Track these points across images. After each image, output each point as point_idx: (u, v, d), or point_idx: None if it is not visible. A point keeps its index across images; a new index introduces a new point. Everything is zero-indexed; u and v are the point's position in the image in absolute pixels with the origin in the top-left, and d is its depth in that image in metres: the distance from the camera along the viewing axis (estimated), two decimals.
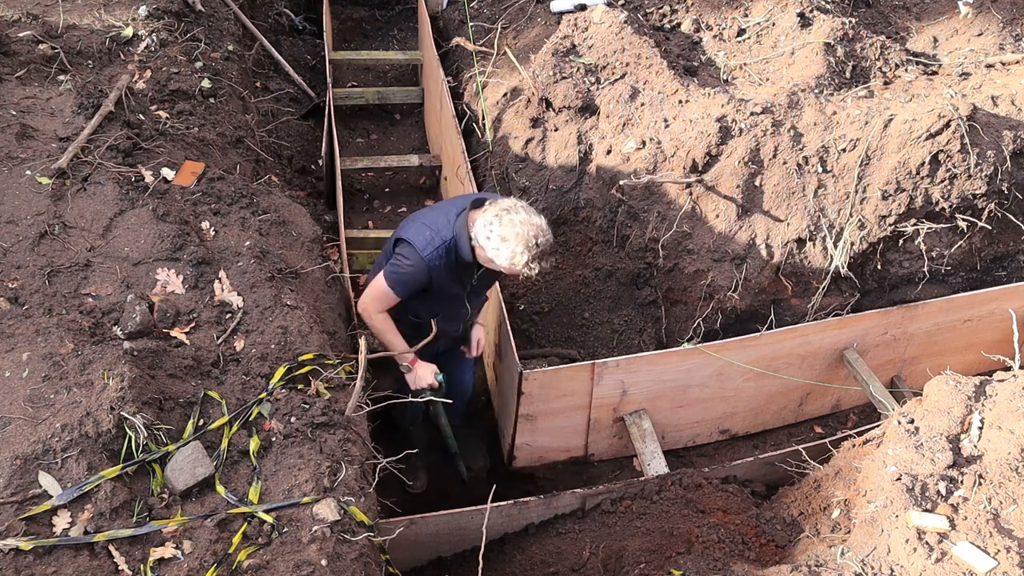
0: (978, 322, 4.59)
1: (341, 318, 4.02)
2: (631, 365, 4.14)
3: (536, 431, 4.30)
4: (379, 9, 7.76)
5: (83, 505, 2.67)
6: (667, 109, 4.69)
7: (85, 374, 2.95)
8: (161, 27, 4.99)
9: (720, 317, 4.58)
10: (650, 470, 4.07)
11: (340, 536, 2.81)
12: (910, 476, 3.01)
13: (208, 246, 3.67)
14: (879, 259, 4.59)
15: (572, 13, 5.34)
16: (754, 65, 5.08)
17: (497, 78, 5.49)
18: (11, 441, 2.75)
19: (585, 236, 4.92)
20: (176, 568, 2.63)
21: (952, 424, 3.16)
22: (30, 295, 3.31)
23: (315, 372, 3.31)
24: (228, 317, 3.43)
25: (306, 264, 3.93)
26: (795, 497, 3.68)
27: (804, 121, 4.50)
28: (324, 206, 5.61)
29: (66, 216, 3.64)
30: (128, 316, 3.26)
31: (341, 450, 3.05)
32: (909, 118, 4.38)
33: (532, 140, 5.12)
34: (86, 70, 4.58)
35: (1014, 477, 2.96)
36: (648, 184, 4.61)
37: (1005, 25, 5.33)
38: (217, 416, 3.06)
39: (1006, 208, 4.57)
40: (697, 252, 4.56)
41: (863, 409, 4.83)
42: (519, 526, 3.88)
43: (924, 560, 2.78)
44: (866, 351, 4.48)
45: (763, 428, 4.76)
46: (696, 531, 3.57)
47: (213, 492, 2.86)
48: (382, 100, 6.65)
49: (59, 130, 4.00)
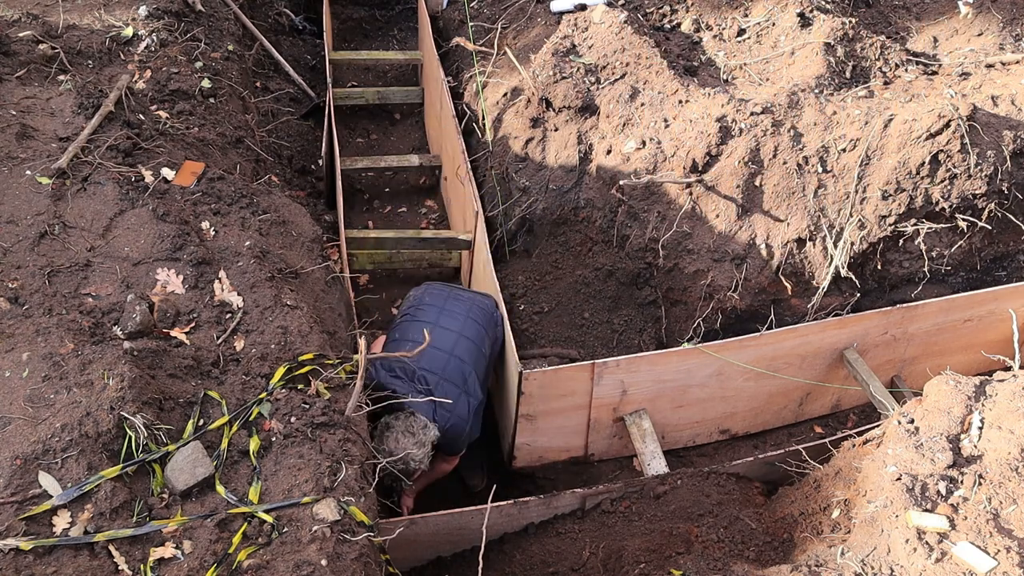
0: (978, 322, 4.59)
1: (341, 318, 4.03)
2: (631, 365, 4.14)
3: (536, 431, 4.29)
4: (379, 9, 7.76)
5: (83, 505, 2.67)
6: (667, 109, 4.69)
7: (85, 374, 2.95)
8: (161, 27, 4.99)
9: (720, 317, 4.58)
10: (650, 470, 4.07)
11: (340, 536, 2.81)
12: (910, 476, 3.01)
13: (208, 246, 3.67)
14: (879, 259, 4.59)
15: (572, 13, 5.34)
16: (754, 65, 5.08)
17: (497, 78, 5.49)
18: (11, 441, 2.75)
19: (585, 236, 4.92)
20: (176, 568, 2.63)
21: (952, 424, 3.16)
22: (30, 295, 3.31)
23: (315, 372, 3.31)
24: (228, 317, 3.43)
25: (306, 264, 3.93)
26: (795, 497, 3.68)
27: (804, 121, 4.50)
28: (324, 206, 5.61)
29: (66, 216, 3.64)
30: (128, 316, 3.26)
31: (341, 450, 3.05)
32: (909, 118, 4.38)
33: (532, 140, 5.12)
34: (86, 70, 4.58)
35: (1014, 477, 2.96)
36: (648, 184, 4.61)
37: (1005, 25, 5.33)
38: (217, 416, 3.06)
39: (1006, 208, 4.57)
40: (697, 252, 4.56)
41: (863, 409, 4.83)
42: (519, 526, 3.88)
43: (924, 560, 2.78)
44: (866, 351, 4.48)
45: (763, 428, 4.76)
46: (696, 531, 3.57)
47: (213, 492, 2.86)
48: (382, 100, 6.65)
49: (59, 130, 4.00)
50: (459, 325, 4.09)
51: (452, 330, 4.05)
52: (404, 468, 3.63)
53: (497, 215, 5.21)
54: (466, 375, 3.94)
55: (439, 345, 3.93)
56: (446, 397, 3.80)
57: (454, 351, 3.97)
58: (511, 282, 5.04)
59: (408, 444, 3.63)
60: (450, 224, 5.95)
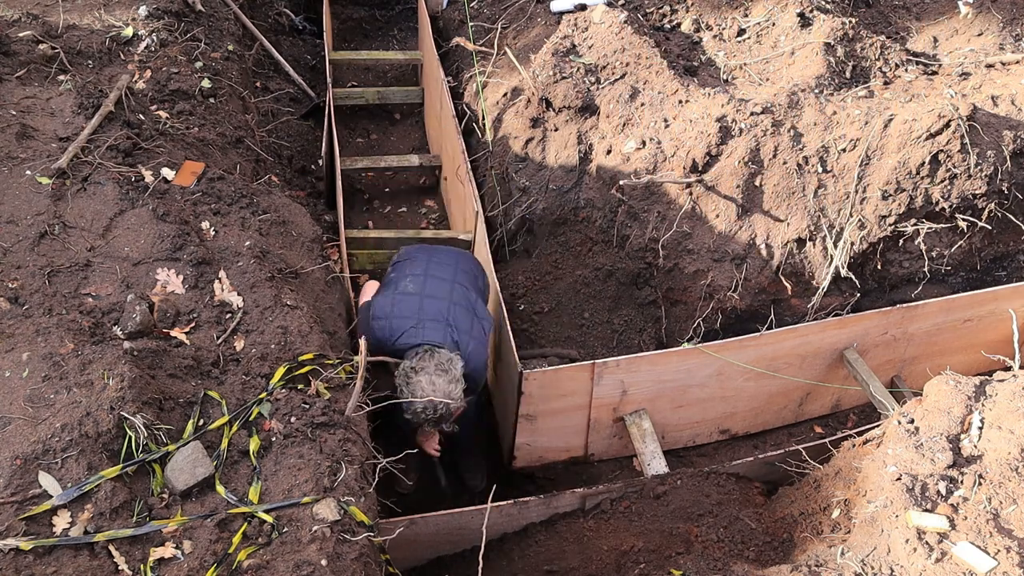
0: (978, 322, 4.59)
1: (341, 318, 4.02)
2: (631, 365, 4.14)
3: (536, 431, 4.29)
4: (379, 9, 7.75)
5: (83, 505, 2.67)
6: (667, 109, 4.69)
7: (85, 374, 2.95)
8: (161, 27, 4.99)
9: (720, 317, 4.58)
10: (650, 470, 4.07)
11: (340, 536, 2.81)
12: (910, 476, 3.01)
13: (208, 246, 3.67)
14: (879, 259, 4.59)
15: (572, 13, 5.34)
16: (754, 65, 5.08)
17: (497, 78, 5.49)
18: (11, 441, 2.75)
19: (585, 236, 4.92)
20: (176, 568, 2.63)
21: (952, 424, 3.16)
22: (30, 295, 3.31)
23: (315, 372, 3.31)
24: (228, 317, 3.43)
25: (306, 264, 3.93)
26: (795, 497, 3.68)
27: (804, 121, 4.50)
28: (324, 206, 5.61)
29: (66, 216, 3.64)
30: (128, 316, 3.26)
31: (341, 450, 3.05)
32: (909, 118, 4.38)
33: (532, 140, 5.12)
34: (86, 70, 4.58)
35: (1014, 477, 2.96)
36: (648, 184, 4.61)
37: (1005, 25, 5.33)
38: (217, 416, 3.06)
39: (1006, 208, 4.57)
40: (697, 252, 4.56)
41: (863, 409, 4.83)
42: (519, 526, 3.88)
43: (924, 560, 2.78)
44: (866, 351, 4.48)
45: (763, 428, 4.76)
46: (696, 531, 3.57)
47: (213, 492, 2.86)
48: (382, 100, 6.65)
49: (59, 130, 4.00)
50: (453, 260, 4.01)
51: (448, 264, 3.94)
52: (444, 412, 3.44)
53: (497, 215, 5.21)
54: (472, 299, 3.81)
55: (439, 274, 3.82)
56: (459, 320, 3.61)
57: (455, 278, 3.87)
58: (511, 282, 5.04)
59: (443, 384, 3.42)
60: (450, 224, 5.95)
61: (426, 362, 3.47)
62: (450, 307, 3.71)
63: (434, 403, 3.41)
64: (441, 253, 4.10)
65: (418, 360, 3.48)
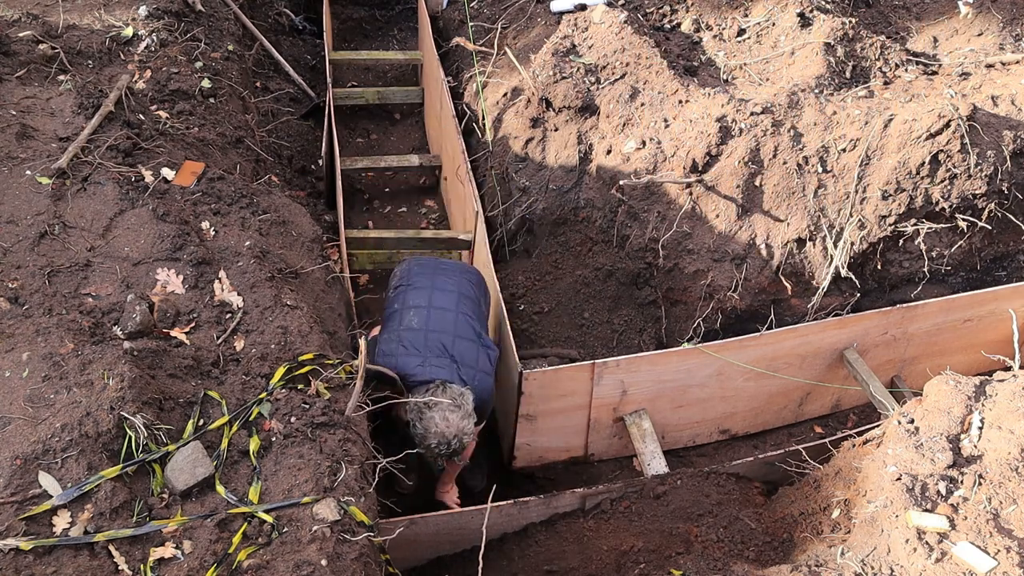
0: (978, 322, 4.59)
1: (341, 318, 4.02)
2: (631, 365, 4.14)
3: (536, 431, 4.30)
4: (379, 9, 7.76)
5: (83, 505, 2.67)
6: (667, 109, 4.69)
7: (85, 374, 2.95)
8: (161, 27, 4.99)
9: (720, 317, 4.58)
10: (650, 470, 4.07)
11: (340, 536, 2.81)
12: (910, 476, 3.01)
13: (208, 246, 3.67)
14: (879, 259, 4.59)
15: (572, 13, 5.34)
16: (754, 65, 5.08)
17: (497, 78, 5.49)
18: (11, 441, 2.75)
19: (585, 236, 4.92)
20: (176, 568, 2.63)
21: (952, 424, 3.16)
22: (30, 295, 3.31)
23: (315, 372, 3.31)
24: (228, 317, 3.43)
25: (306, 264, 3.93)
26: (795, 497, 3.68)
27: (804, 121, 4.50)
28: (324, 206, 5.61)
29: (66, 216, 3.64)
30: (128, 316, 3.26)
31: (341, 450, 3.05)
32: (909, 118, 4.38)
33: (532, 140, 5.12)
34: (86, 70, 4.58)
35: (1014, 477, 2.96)
36: (648, 184, 4.61)
37: (1005, 25, 5.33)
38: (217, 416, 3.06)
39: (1006, 208, 4.57)
40: (697, 252, 4.56)
41: (863, 409, 4.83)
42: (519, 526, 3.88)
43: (924, 560, 2.78)
44: (866, 351, 4.48)
45: (763, 428, 4.76)
46: (696, 531, 3.57)
47: (213, 492, 2.86)
48: (382, 100, 6.65)
49: (59, 130, 4.00)
50: (455, 285, 4.00)
51: (450, 291, 3.95)
52: (458, 446, 3.46)
53: (497, 215, 5.21)
54: (477, 329, 3.83)
55: (442, 304, 3.83)
56: (464, 355, 3.65)
57: (459, 308, 3.87)
58: (511, 282, 5.04)
59: (456, 420, 3.45)
60: (450, 224, 5.95)
61: (438, 398, 3.50)
62: (455, 341, 3.72)
63: (447, 439, 3.44)
64: (443, 276, 4.05)
65: (430, 396, 3.51)
